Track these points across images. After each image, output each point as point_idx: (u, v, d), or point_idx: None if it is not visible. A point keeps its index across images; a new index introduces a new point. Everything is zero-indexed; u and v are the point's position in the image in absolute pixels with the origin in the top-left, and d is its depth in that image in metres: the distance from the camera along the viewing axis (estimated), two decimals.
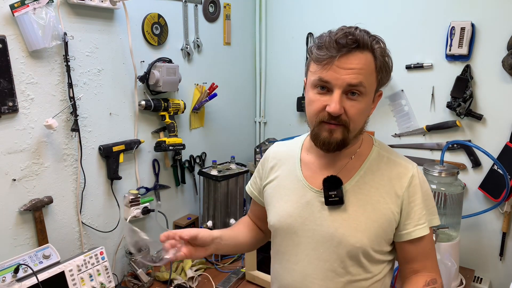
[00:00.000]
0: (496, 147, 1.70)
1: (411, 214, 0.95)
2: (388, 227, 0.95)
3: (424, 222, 0.95)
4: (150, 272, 1.66)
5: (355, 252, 0.93)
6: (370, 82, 0.89)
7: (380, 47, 0.90)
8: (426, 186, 0.98)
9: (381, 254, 0.97)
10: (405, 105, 1.92)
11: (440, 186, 1.58)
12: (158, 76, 1.63)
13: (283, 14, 2.24)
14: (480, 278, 1.82)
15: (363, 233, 0.93)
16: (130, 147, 1.63)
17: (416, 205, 0.95)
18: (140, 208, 1.67)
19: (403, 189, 0.94)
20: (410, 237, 0.95)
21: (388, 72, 0.93)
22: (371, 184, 0.96)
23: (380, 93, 0.97)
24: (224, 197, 1.88)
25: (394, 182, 0.95)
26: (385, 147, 1.03)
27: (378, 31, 2.01)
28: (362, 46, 0.87)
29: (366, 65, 0.87)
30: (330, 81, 0.87)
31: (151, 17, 1.67)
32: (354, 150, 0.99)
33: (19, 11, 1.21)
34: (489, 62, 1.68)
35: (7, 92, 1.23)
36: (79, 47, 1.42)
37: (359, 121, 0.92)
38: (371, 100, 0.93)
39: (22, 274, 1.25)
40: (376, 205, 0.94)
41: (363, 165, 0.98)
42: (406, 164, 0.98)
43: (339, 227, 0.94)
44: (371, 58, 0.88)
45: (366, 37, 0.87)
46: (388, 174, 0.96)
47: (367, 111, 0.93)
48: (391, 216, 0.94)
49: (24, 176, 1.32)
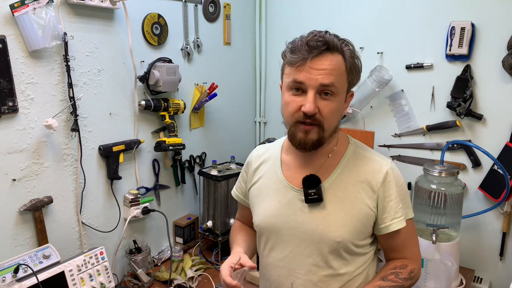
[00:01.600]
0: (496, 147, 1.70)
1: (387, 208, 1.00)
2: (367, 221, 1.00)
3: (400, 216, 1.01)
4: (150, 272, 1.66)
5: (336, 247, 0.98)
6: (341, 83, 0.94)
7: (349, 49, 0.95)
8: (401, 181, 1.03)
9: (361, 247, 1.02)
10: (405, 105, 1.92)
11: (440, 186, 1.58)
12: (158, 76, 1.63)
13: (283, 14, 2.24)
14: (480, 278, 1.82)
15: (343, 228, 0.98)
16: (130, 147, 1.63)
17: (392, 200, 1.00)
18: (140, 208, 1.67)
19: (378, 185, 0.99)
20: (388, 231, 1.01)
21: (358, 72, 0.98)
22: (348, 181, 1.00)
23: (351, 93, 1.02)
24: (224, 197, 1.88)
25: (369, 178, 1.00)
26: (360, 145, 1.07)
27: (378, 31, 2.01)
28: (332, 48, 0.92)
29: (337, 66, 0.92)
30: (304, 81, 0.92)
31: (151, 17, 1.67)
32: (331, 148, 1.03)
33: (19, 11, 1.21)
34: (489, 62, 1.68)
35: (7, 92, 1.23)
36: (79, 47, 1.42)
37: (333, 120, 0.96)
38: (343, 100, 0.98)
39: (22, 274, 1.25)
40: (354, 200, 0.99)
41: (340, 163, 1.02)
42: (381, 161, 1.02)
43: (320, 224, 0.99)
44: (341, 60, 0.93)
45: (336, 40, 0.93)
46: (364, 170, 1.01)
47: (339, 110, 0.98)
48: (368, 210, 0.99)
49: (24, 176, 1.32)
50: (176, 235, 1.95)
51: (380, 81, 1.86)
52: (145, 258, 1.64)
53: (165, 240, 1.89)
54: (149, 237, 1.80)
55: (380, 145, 2.00)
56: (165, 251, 1.86)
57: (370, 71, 1.90)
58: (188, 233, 1.96)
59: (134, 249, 1.68)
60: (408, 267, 1.05)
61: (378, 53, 1.94)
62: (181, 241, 1.94)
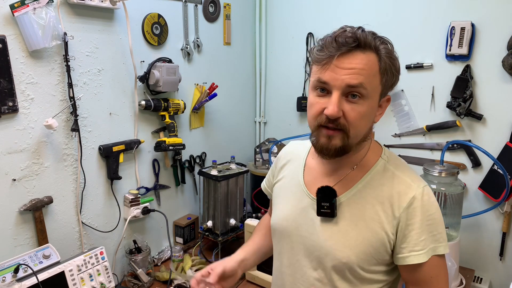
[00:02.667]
0: (496, 147, 1.70)
1: (408, 238, 0.87)
2: (380, 246, 0.88)
3: (420, 249, 0.86)
4: (150, 272, 1.66)
5: (341, 267, 0.90)
6: (373, 85, 0.83)
7: (386, 48, 0.85)
8: (432, 210, 0.88)
9: (373, 273, 0.91)
10: (405, 105, 1.92)
11: (440, 186, 1.58)
12: (158, 76, 1.63)
13: (283, 14, 2.24)
14: (480, 278, 1.82)
15: (351, 249, 0.88)
16: (130, 147, 1.63)
17: (414, 229, 0.86)
18: (140, 208, 1.68)
19: (401, 210, 0.87)
20: (404, 263, 0.88)
21: (395, 74, 0.88)
22: (368, 200, 0.90)
23: (387, 98, 0.91)
24: (224, 197, 1.88)
25: (393, 201, 0.88)
26: (394, 161, 0.94)
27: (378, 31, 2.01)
28: (364, 46, 0.82)
29: (368, 65, 0.82)
30: (328, 81, 0.82)
31: (151, 17, 1.67)
32: (358, 159, 0.93)
33: (19, 11, 1.21)
34: (489, 62, 1.68)
35: (7, 92, 1.23)
36: (79, 47, 1.42)
37: (360, 126, 0.85)
38: (375, 104, 0.86)
39: (22, 274, 1.25)
40: (370, 222, 0.88)
41: (364, 178, 0.92)
42: (411, 183, 0.88)
43: (328, 239, 0.91)
44: (375, 59, 0.83)
45: (370, 37, 0.83)
46: (388, 191, 0.89)
47: (369, 115, 0.86)
48: (384, 236, 0.88)
49: (24, 176, 1.32)
50: (176, 235, 1.95)
51: None
52: (145, 258, 1.64)
53: (165, 240, 1.89)
54: (149, 237, 1.80)
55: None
56: (165, 251, 1.86)
57: None
58: (188, 233, 1.96)
59: (134, 249, 1.68)
60: None
61: None
62: (181, 241, 1.94)
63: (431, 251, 0.87)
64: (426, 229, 0.87)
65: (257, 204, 2.13)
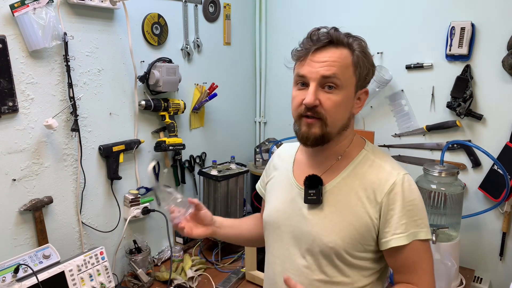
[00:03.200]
0: (496, 147, 1.70)
1: (390, 222, 0.92)
2: (365, 231, 0.93)
3: (401, 232, 0.92)
4: (150, 272, 1.66)
5: (328, 252, 0.95)
6: (346, 75, 0.91)
7: (359, 43, 0.93)
8: (413, 196, 0.94)
9: (360, 259, 0.96)
10: (405, 105, 1.92)
11: (440, 186, 1.58)
12: (158, 76, 1.63)
13: (283, 14, 2.24)
14: (480, 278, 1.82)
15: (337, 233, 0.94)
16: (130, 147, 1.63)
17: (395, 214, 0.92)
18: (140, 208, 1.68)
19: (383, 195, 0.93)
20: (387, 246, 0.93)
21: (368, 67, 0.94)
22: (352, 187, 0.96)
23: (365, 90, 0.97)
24: (224, 197, 1.88)
25: (375, 187, 0.94)
26: (376, 151, 1.01)
27: (378, 31, 2.01)
28: (336, 42, 0.91)
29: (341, 58, 0.90)
30: (306, 74, 0.91)
31: (151, 17, 1.67)
32: (342, 150, 1.00)
33: (19, 11, 1.21)
34: (489, 62, 1.68)
35: (7, 92, 1.23)
36: (79, 47, 1.42)
37: (336, 115, 0.92)
38: (350, 95, 0.93)
39: (22, 274, 1.25)
40: (354, 208, 0.94)
41: (348, 167, 0.98)
42: (392, 171, 0.95)
43: (315, 226, 0.97)
44: (347, 53, 0.91)
45: (342, 35, 0.92)
46: (370, 178, 0.95)
47: (345, 105, 0.93)
48: (368, 221, 0.93)
49: (24, 176, 1.32)
50: (176, 235, 1.95)
51: (380, 81, 1.86)
52: (145, 258, 1.64)
53: (165, 240, 1.89)
54: (149, 237, 1.80)
55: (380, 145, 2.00)
56: (165, 251, 1.86)
57: None
58: None
59: (134, 249, 1.68)
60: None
61: (378, 53, 1.94)
62: (181, 241, 1.94)
63: (412, 235, 0.92)
64: (407, 214, 0.92)
65: (257, 204, 2.13)
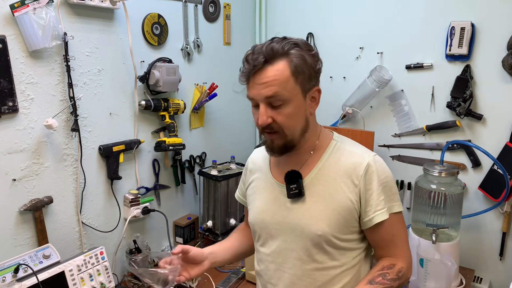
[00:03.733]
0: (496, 147, 1.70)
1: (370, 201, 1.00)
2: (348, 214, 1.00)
3: (382, 208, 1.00)
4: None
5: (318, 240, 1.00)
6: (288, 88, 0.93)
7: (296, 49, 0.94)
8: (385, 174, 1.02)
9: (347, 242, 1.02)
10: (405, 105, 1.92)
11: (440, 186, 1.58)
12: (158, 76, 1.63)
13: (283, 14, 2.24)
14: (480, 278, 1.82)
15: (323, 221, 0.99)
16: (130, 147, 1.63)
17: (374, 192, 0.99)
18: (140, 208, 1.68)
19: (359, 178, 0.99)
20: (371, 223, 1.00)
21: (310, 69, 0.95)
22: (329, 176, 1.01)
23: (316, 89, 0.99)
24: (224, 197, 1.88)
25: (350, 172, 1.00)
26: (344, 140, 1.08)
27: (378, 31, 2.01)
28: (271, 59, 0.92)
29: (278, 74, 0.92)
30: (253, 97, 0.96)
31: (151, 17, 1.67)
32: (313, 145, 1.05)
33: (19, 11, 1.21)
34: (489, 62, 1.68)
35: (7, 92, 1.24)
36: (79, 47, 1.42)
37: (292, 125, 0.97)
38: (300, 102, 0.96)
39: (22, 274, 1.25)
40: (334, 194, 1.00)
41: (322, 158, 1.04)
42: (362, 154, 1.02)
43: (301, 218, 1.02)
44: (284, 65, 0.92)
45: (276, 47, 0.93)
46: (345, 164, 1.01)
47: (298, 113, 0.97)
48: (349, 204, 0.99)
49: (24, 176, 1.32)
50: (176, 235, 1.96)
51: (380, 81, 1.86)
52: (145, 258, 1.64)
53: (165, 240, 1.89)
54: (149, 237, 1.80)
55: (380, 145, 2.00)
56: (165, 251, 1.86)
57: (370, 71, 1.90)
58: (188, 233, 1.96)
59: (134, 249, 1.68)
60: (396, 266, 1.03)
61: (378, 53, 1.94)
62: (181, 241, 1.94)
63: (389, 209, 1.01)
64: (383, 190, 1.00)
65: None
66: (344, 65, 2.06)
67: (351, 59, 2.03)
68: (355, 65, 2.02)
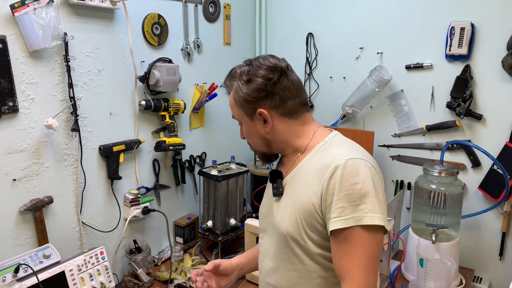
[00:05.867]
0: (496, 147, 1.70)
1: (331, 206, 0.91)
2: (309, 217, 0.95)
3: (337, 216, 0.89)
4: (150, 272, 1.66)
5: (285, 239, 1.02)
6: (236, 112, 1.09)
7: (236, 83, 1.04)
8: (355, 180, 0.89)
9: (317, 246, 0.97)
10: (405, 105, 1.92)
11: (440, 186, 1.59)
12: (158, 76, 1.63)
13: (283, 14, 2.24)
14: (480, 278, 1.82)
15: (288, 220, 1.00)
16: (130, 147, 1.63)
17: (334, 197, 0.90)
18: (140, 208, 1.68)
19: (324, 180, 0.92)
20: (328, 231, 0.92)
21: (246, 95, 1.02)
22: (303, 176, 1.01)
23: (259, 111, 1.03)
24: (224, 197, 1.88)
25: (320, 174, 0.94)
26: (334, 141, 1.02)
27: (378, 31, 2.01)
28: (228, 88, 1.10)
29: (230, 101, 1.09)
30: None
31: (151, 17, 1.67)
32: (302, 146, 1.05)
33: (19, 11, 1.21)
34: (489, 62, 1.68)
35: (7, 92, 1.24)
36: (79, 47, 1.42)
37: (251, 141, 1.11)
38: (248, 123, 1.07)
39: (22, 274, 1.26)
40: (301, 195, 0.99)
41: (304, 159, 1.04)
42: (336, 156, 0.94)
43: (276, 216, 1.06)
44: (232, 94, 1.08)
45: (227, 82, 1.09)
46: (318, 165, 0.97)
47: (252, 132, 1.08)
48: (310, 206, 0.95)
49: (24, 176, 1.32)
50: (176, 235, 1.96)
51: (380, 81, 1.86)
52: (145, 258, 1.64)
53: (165, 240, 1.89)
54: (149, 237, 1.80)
55: (380, 145, 2.00)
56: (165, 251, 1.86)
57: (370, 71, 1.90)
58: (188, 233, 1.96)
59: (134, 249, 1.68)
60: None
61: (378, 53, 1.94)
62: (181, 241, 1.94)
63: (352, 220, 0.88)
64: (345, 197, 0.89)
65: (257, 204, 2.13)
66: (344, 65, 2.06)
67: (351, 59, 2.03)
68: (355, 65, 2.02)
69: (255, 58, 1.06)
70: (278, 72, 1.01)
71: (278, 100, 1.01)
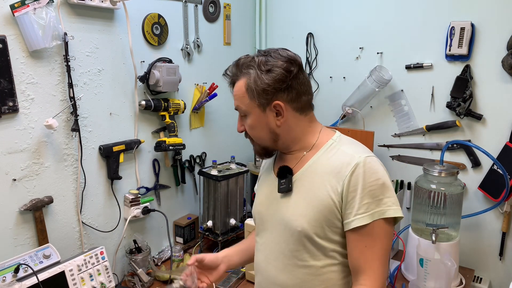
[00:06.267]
0: (496, 147, 1.70)
1: (352, 203, 0.95)
2: (328, 213, 0.97)
3: (363, 212, 0.93)
4: (150, 272, 1.66)
5: (298, 236, 1.00)
6: (245, 103, 1.03)
7: (253, 71, 1.00)
8: (375, 176, 0.95)
9: (330, 242, 0.99)
10: (405, 105, 1.92)
11: (440, 186, 1.59)
12: (158, 76, 1.63)
13: (283, 14, 2.24)
14: (480, 278, 1.82)
15: (304, 217, 0.99)
16: (130, 147, 1.63)
17: (357, 194, 0.94)
18: (140, 208, 1.68)
19: (344, 178, 0.95)
20: (350, 227, 0.95)
21: (264, 84, 0.99)
22: (317, 173, 1.01)
23: (275, 103, 1.00)
24: (224, 197, 1.88)
25: (337, 171, 0.97)
26: (343, 141, 1.06)
27: (378, 31, 2.01)
28: (235, 76, 1.06)
29: (238, 90, 1.05)
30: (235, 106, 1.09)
31: (151, 17, 1.67)
32: (309, 144, 1.06)
33: (19, 11, 1.21)
34: (489, 62, 1.68)
35: (7, 92, 1.24)
36: (79, 47, 1.42)
37: (255, 134, 1.06)
38: (258, 116, 1.03)
39: (23, 274, 1.26)
40: (317, 192, 0.99)
41: (315, 156, 1.04)
42: (353, 154, 0.98)
43: (286, 212, 1.04)
44: (243, 83, 1.03)
45: (237, 68, 1.05)
46: (333, 163, 0.99)
47: (258, 125, 1.04)
48: (330, 203, 0.97)
49: (24, 176, 1.32)
50: (176, 235, 1.96)
51: (380, 81, 1.86)
52: (145, 258, 1.64)
53: (165, 240, 1.89)
54: (149, 237, 1.80)
55: (380, 145, 2.00)
56: (165, 251, 1.86)
57: (370, 71, 1.90)
58: (188, 233, 1.96)
59: (134, 249, 1.68)
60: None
61: (378, 53, 1.94)
62: (181, 240, 1.94)
63: (377, 214, 0.94)
64: (369, 194, 0.94)
65: None
66: (344, 65, 2.06)
67: (351, 59, 2.03)
68: (355, 65, 2.02)
69: (269, 50, 1.03)
70: (297, 66, 1.00)
71: (294, 94, 1.00)
